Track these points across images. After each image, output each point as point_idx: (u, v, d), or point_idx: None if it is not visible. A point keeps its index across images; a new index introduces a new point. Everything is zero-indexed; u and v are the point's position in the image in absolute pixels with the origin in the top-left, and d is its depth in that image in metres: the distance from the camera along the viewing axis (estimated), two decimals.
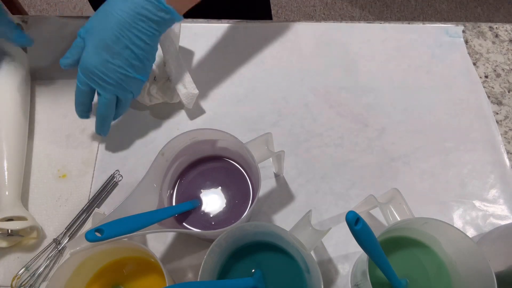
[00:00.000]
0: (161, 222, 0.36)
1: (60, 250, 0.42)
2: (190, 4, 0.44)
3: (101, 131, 0.47)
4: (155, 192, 0.40)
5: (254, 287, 0.35)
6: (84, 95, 0.44)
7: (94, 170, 0.48)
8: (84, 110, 0.46)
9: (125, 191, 0.46)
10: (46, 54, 0.56)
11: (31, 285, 0.40)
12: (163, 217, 0.36)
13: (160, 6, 0.40)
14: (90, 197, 0.46)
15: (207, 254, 0.33)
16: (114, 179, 0.47)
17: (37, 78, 0.54)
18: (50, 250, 0.42)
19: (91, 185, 0.47)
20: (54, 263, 0.42)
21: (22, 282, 0.40)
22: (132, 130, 0.50)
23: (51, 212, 0.45)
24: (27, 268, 0.41)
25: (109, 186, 0.46)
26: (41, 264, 0.41)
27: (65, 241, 0.43)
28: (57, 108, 0.51)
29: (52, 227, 0.44)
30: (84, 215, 0.44)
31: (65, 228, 0.43)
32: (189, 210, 0.41)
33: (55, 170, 0.48)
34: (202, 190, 0.43)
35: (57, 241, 0.43)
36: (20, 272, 0.41)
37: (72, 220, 0.44)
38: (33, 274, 0.41)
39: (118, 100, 0.45)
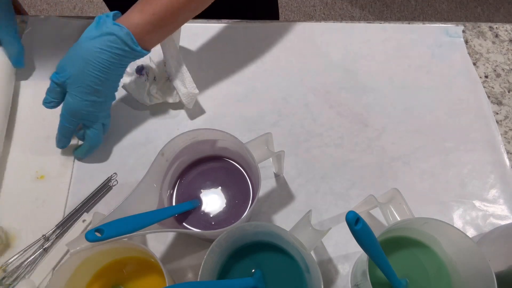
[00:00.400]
0: (161, 222, 0.36)
1: (46, 248, 0.42)
2: (160, 41, 0.46)
3: (86, 156, 0.48)
4: (155, 192, 0.39)
5: (254, 287, 0.35)
6: (70, 131, 0.46)
7: (72, 172, 0.47)
8: (67, 142, 0.47)
9: (125, 191, 0.46)
10: (46, 54, 0.56)
11: (10, 284, 0.40)
12: (163, 217, 0.36)
13: (135, 51, 0.42)
14: (68, 199, 0.45)
15: (207, 254, 0.33)
16: (110, 183, 0.47)
17: (22, 78, 0.54)
18: (35, 248, 0.42)
19: (69, 186, 0.46)
20: (37, 262, 0.42)
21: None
22: (132, 130, 0.50)
23: (28, 213, 0.44)
24: (5, 265, 0.41)
25: (103, 189, 0.46)
26: (22, 262, 0.41)
27: (49, 243, 0.43)
28: (38, 110, 0.49)
29: (30, 228, 0.43)
30: (70, 220, 0.44)
31: (52, 229, 0.43)
32: (189, 210, 0.41)
33: (33, 171, 0.47)
34: (202, 190, 0.43)
35: (45, 237, 0.43)
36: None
37: (60, 222, 0.44)
38: (15, 270, 0.41)
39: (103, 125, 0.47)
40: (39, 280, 0.41)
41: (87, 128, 0.46)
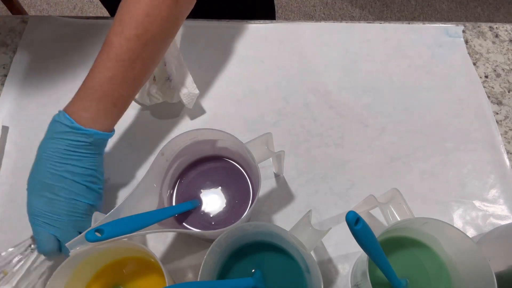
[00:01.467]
0: (161, 222, 0.36)
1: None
2: (117, 119, 0.42)
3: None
4: (155, 192, 0.39)
5: (254, 287, 0.35)
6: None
7: None
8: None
9: (125, 191, 0.46)
10: (46, 54, 0.56)
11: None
12: (163, 217, 0.36)
13: (87, 136, 0.38)
14: None
15: (207, 254, 0.33)
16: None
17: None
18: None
19: None
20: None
21: None
22: (132, 130, 0.50)
23: None
24: None
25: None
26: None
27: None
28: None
29: None
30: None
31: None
32: (189, 210, 0.41)
33: None
34: (202, 190, 0.43)
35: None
36: None
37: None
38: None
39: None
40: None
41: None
